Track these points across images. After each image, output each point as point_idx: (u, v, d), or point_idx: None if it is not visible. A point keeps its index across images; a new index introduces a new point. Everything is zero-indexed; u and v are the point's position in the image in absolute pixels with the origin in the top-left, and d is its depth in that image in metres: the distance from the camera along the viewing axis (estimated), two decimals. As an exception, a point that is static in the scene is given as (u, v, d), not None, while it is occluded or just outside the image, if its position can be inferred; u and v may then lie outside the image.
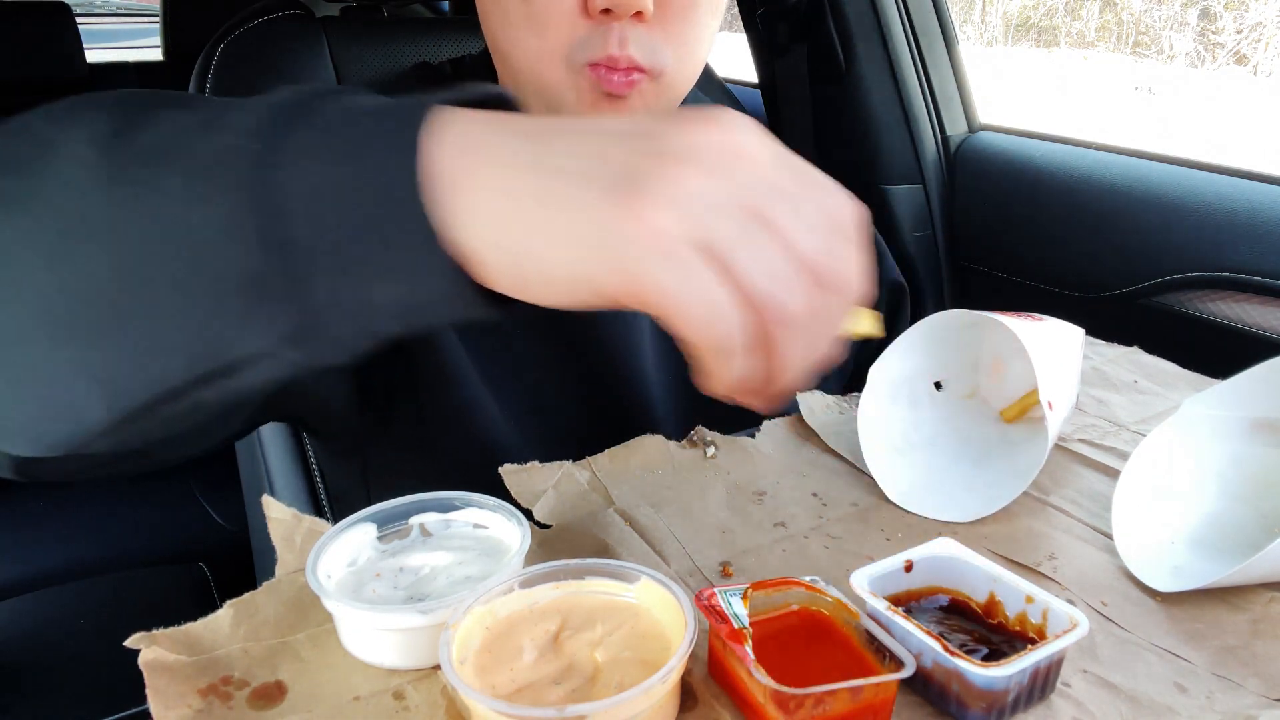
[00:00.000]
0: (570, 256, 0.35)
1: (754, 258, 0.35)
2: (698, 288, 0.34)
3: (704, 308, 0.35)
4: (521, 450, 0.64)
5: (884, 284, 0.93)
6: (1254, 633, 0.49)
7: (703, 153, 0.36)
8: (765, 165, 0.37)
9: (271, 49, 0.92)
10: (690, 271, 0.34)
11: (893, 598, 0.48)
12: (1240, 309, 1.11)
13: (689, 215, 0.34)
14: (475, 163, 0.37)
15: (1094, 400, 0.75)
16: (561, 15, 0.65)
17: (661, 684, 0.39)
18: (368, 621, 0.45)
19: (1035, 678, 0.43)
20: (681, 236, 0.34)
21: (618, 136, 0.37)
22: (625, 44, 0.65)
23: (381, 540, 0.52)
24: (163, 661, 0.44)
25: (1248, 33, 6.04)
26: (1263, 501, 0.58)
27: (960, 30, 1.52)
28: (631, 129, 0.37)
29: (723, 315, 0.35)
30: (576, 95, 0.69)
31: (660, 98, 0.71)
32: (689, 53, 0.70)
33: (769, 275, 0.35)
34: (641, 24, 0.66)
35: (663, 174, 0.35)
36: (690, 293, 0.34)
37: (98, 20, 4.74)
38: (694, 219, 0.34)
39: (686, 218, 0.34)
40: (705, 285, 0.35)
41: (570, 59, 0.67)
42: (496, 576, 0.47)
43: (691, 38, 0.69)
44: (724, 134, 0.37)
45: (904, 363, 0.66)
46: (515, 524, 0.52)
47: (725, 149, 0.36)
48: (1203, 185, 1.15)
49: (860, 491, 0.63)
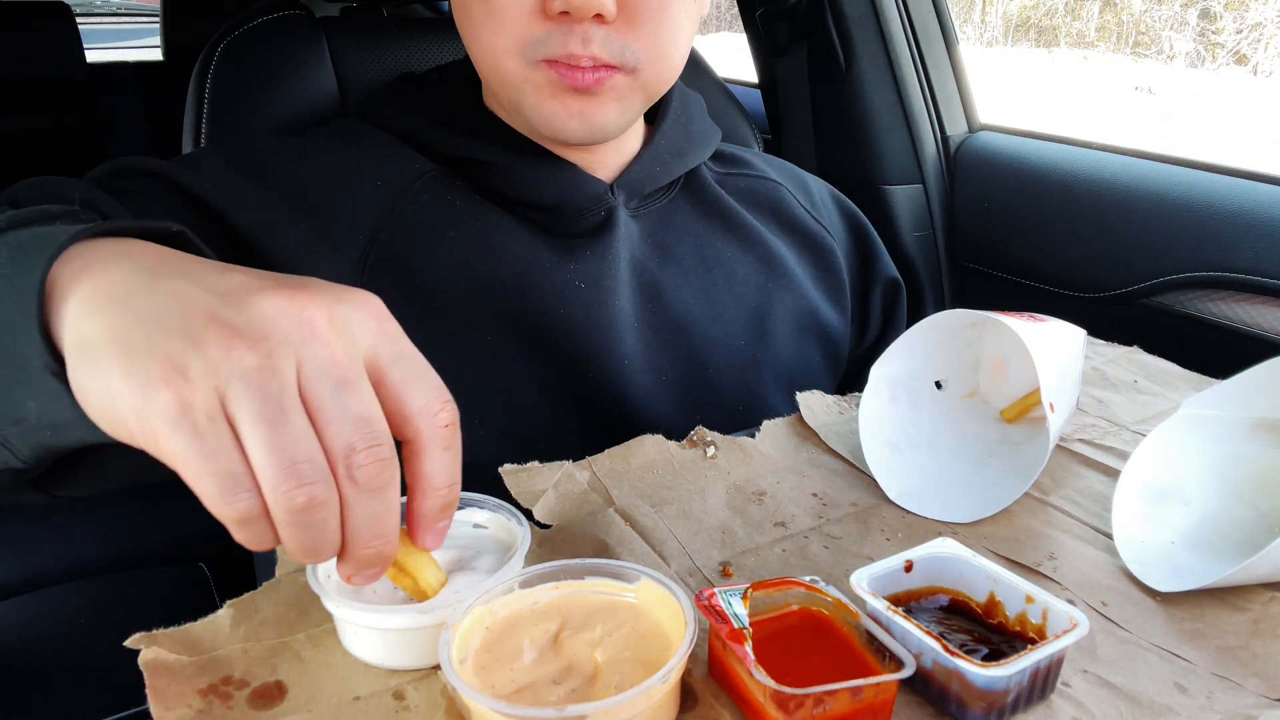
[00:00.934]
0: (116, 397, 0.36)
1: (271, 439, 0.34)
2: (208, 456, 0.34)
3: (215, 479, 0.34)
4: (502, 459, 0.65)
5: (879, 280, 0.93)
6: (1254, 633, 0.49)
7: (267, 325, 0.36)
8: (335, 350, 0.36)
9: (271, 49, 0.92)
10: (201, 440, 0.34)
11: (893, 598, 0.48)
12: (1240, 309, 1.11)
13: (216, 387, 0.34)
14: (82, 290, 0.39)
15: (1094, 400, 0.75)
16: (518, 13, 0.66)
17: (661, 684, 0.39)
18: (367, 621, 0.45)
19: (1035, 678, 0.43)
20: (201, 406, 0.34)
21: (208, 293, 0.37)
22: (588, 43, 0.65)
23: None
24: (163, 661, 0.44)
25: (1248, 33, 6.04)
26: (1263, 501, 0.58)
27: (960, 30, 1.53)
28: (226, 287, 0.37)
29: (232, 488, 0.35)
30: (534, 89, 0.69)
31: (636, 92, 0.71)
32: (662, 50, 0.70)
33: (281, 458, 0.34)
34: (605, 25, 0.66)
35: (209, 340, 0.35)
36: (198, 462, 0.34)
37: (98, 20, 4.74)
38: (219, 391, 0.34)
39: (211, 389, 0.34)
40: (216, 456, 0.34)
41: (525, 55, 0.67)
42: (497, 576, 0.47)
43: (663, 36, 0.69)
44: (308, 310, 0.36)
45: (905, 362, 0.66)
46: (515, 524, 0.52)
47: (300, 325, 0.36)
48: (1203, 185, 1.15)
49: (860, 491, 0.63)
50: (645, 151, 0.80)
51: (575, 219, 0.76)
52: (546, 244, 0.75)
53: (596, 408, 0.74)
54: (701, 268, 0.81)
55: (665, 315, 0.78)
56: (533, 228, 0.75)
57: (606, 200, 0.77)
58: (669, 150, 0.81)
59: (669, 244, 0.80)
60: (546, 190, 0.75)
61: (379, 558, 0.38)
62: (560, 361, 0.73)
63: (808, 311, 0.86)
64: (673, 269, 0.79)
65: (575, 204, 0.76)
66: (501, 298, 0.72)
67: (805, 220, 0.90)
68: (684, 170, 0.83)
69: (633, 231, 0.79)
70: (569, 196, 0.75)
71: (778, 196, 0.90)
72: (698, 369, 0.79)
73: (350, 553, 0.37)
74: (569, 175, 0.75)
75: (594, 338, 0.74)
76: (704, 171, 0.86)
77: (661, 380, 0.77)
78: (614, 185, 0.77)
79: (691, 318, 0.79)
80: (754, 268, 0.84)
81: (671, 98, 0.84)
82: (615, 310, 0.75)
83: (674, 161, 0.82)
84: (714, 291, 0.81)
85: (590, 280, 0.74)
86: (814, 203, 0.92)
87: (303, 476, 0.35)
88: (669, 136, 0.82)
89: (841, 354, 0.90)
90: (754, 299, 0.83)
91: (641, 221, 0.80)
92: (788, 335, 0.84)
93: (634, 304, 0.77)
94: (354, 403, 0.36)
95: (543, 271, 0.73)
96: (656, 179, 0.80)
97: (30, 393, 0.41)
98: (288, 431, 0.35)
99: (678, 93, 0.86)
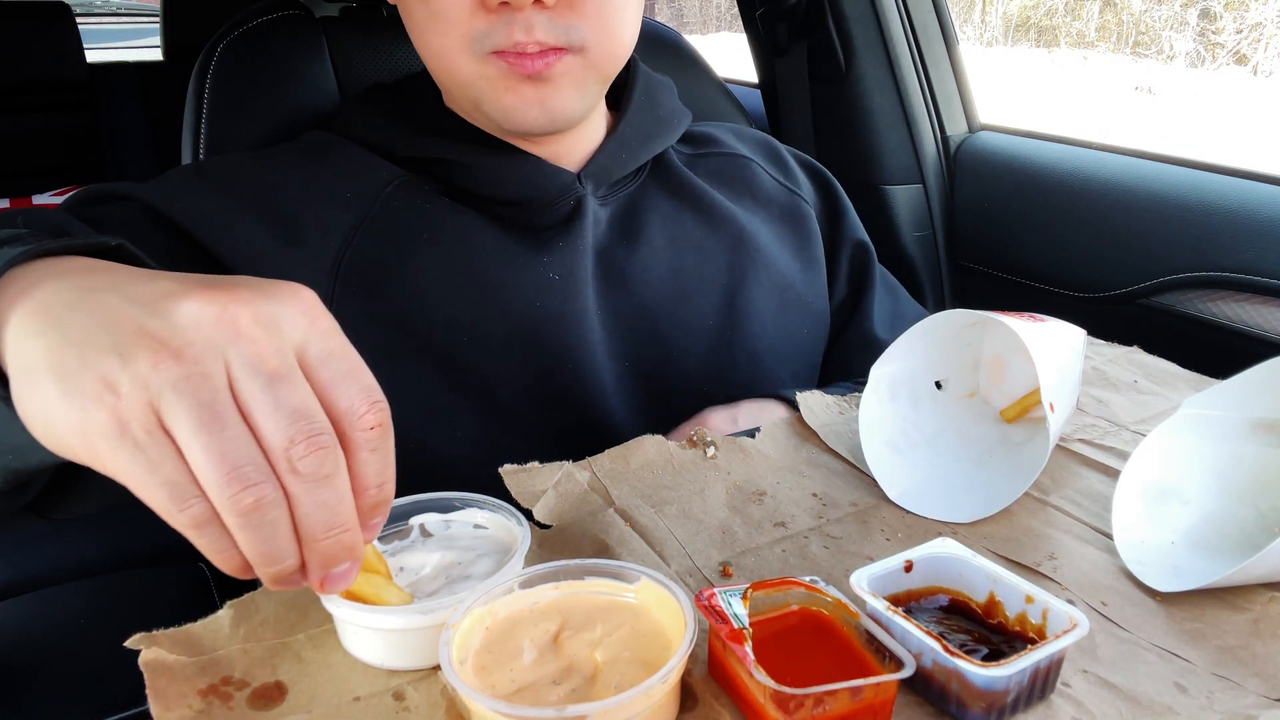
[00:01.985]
0: (55, 418, 0.36)
1: (209, 445, 0.35)
2: (152, 469, 0.35)
3: (162, 489, 0.35)
4: (476, 458, 0.64)
5: (847, 243, 0.93)
6: (1254, 633, 0.49)
7: (190, 331, 0.36)
8: (263, 347, 0.36)
9: (271, 49, 0.92)
10: (143, 453, 0.35)
11: (893, 598, 0.48)
12: (1240, 309, 1.11)
13: (148, 401, 0.35)
14: (19, 312, 0.39)
15: (1094, 400, 0.75)
16: (459, 10, 0.66)
17: (661, 684, 0.39)
18: (367, 622, 0.45)
19: (1035, 678, 0.43)
20: (138, 420, 0.35)
21: (133, 304, 0.37)
22: (532, 30, 0.66)
23: (381, 541, 0.52)
24: (163, 662, 0.44)
25: (1248, 33, 6.04)
26: (1263, 501, 0.58)
27: (960, 30, 1.53)
28: (151, 296, 0.38)
29: (181, 496, 0.35)
30: (489, 84, 0.69)
31: (589, 71, 0.71)
32: (608, 27, 0.70)
33: (221, 463, 0.35)
34: (546, 9, 0.66)
35: (137, 354, 0.35)
36: (144, 475, 0.35)
37: (98, 20, 4.73)
38: (152, 405, 0.35)
39: (144, 404, 0.35)
40: (159, 468, 0.35)
41: (473, 50, 0.67)
42: (497, 577, 0.47)
43: (607, 13, 0.69)
44: (230, 309, 0.37)
45: (904, 362, 0.66)
46: (515, 524, 0.52)
47: (223, 326, 0.36)
48: (1203, 185, 1.15)
49: (860, 491, 0.63)
50: (611, 139, 0.80)
51: (544, 211, 0.77)
52: (518, 239, 0.75)
53: (569, 399, 0.74)
54: (671, 248, 0.81)
55: (630, 301, 0.79)
56: (504, 225, 0.76)
57: (574, 190, 0.77)
58: (635, 136, 0.82)
59: (638, 227, 0.81)
60: (514, 185, 0.76)
61: (340, 548, 0.38)
62: (537, 356, 0.74)
63: (785, 285, 0.87)
64: (641, 251, 0.80)
65: (544, 196, 0.76)
66: (478, 298, 0.73)
67: (777, 191, 0.90)
68: (651, 155, 0.83)
69: (601, 219, 0.79)
70: (537, 189, 0.76)
71: (749, 173, 0.90)
72: (662, 353, 0.79)
73: (310, 548, 0.37)
74: (535, 168, 0.76)
75: (569, 328, 0.74)
76: (672, 155, 0.86)
77: (624, 367, 0.78)
78: (581, 174, 0.78)
79: (658, 302, 0.80)
80: (725, 245, 0.84)
81: (636, 81, 0.84)
82: (587, 300, 0.76)
83: (641, 147, 0.82)
84: (684, 272, 0.81)
85: (564, 271, 0.75)
86: (786, 170, 0.93)
87: (246, 479, 0.35)
88: (634, 122, 0.82)
89: (825, 317, 0.91)
90: (725, 277, 0.83)
91: (610, 208, 0.81)
92: (765, 311, 0.85)
93: (596, 292, 0.77)
94: (287, 396, 0.36)
95: (516, 267, 0.74)
96: (624, 165, 0.81)
97: None
98: (225, 436, 0.35)
99: (641, 76, 0.86)
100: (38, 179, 2.01)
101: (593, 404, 0.75)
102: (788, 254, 0.88)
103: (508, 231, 0.75)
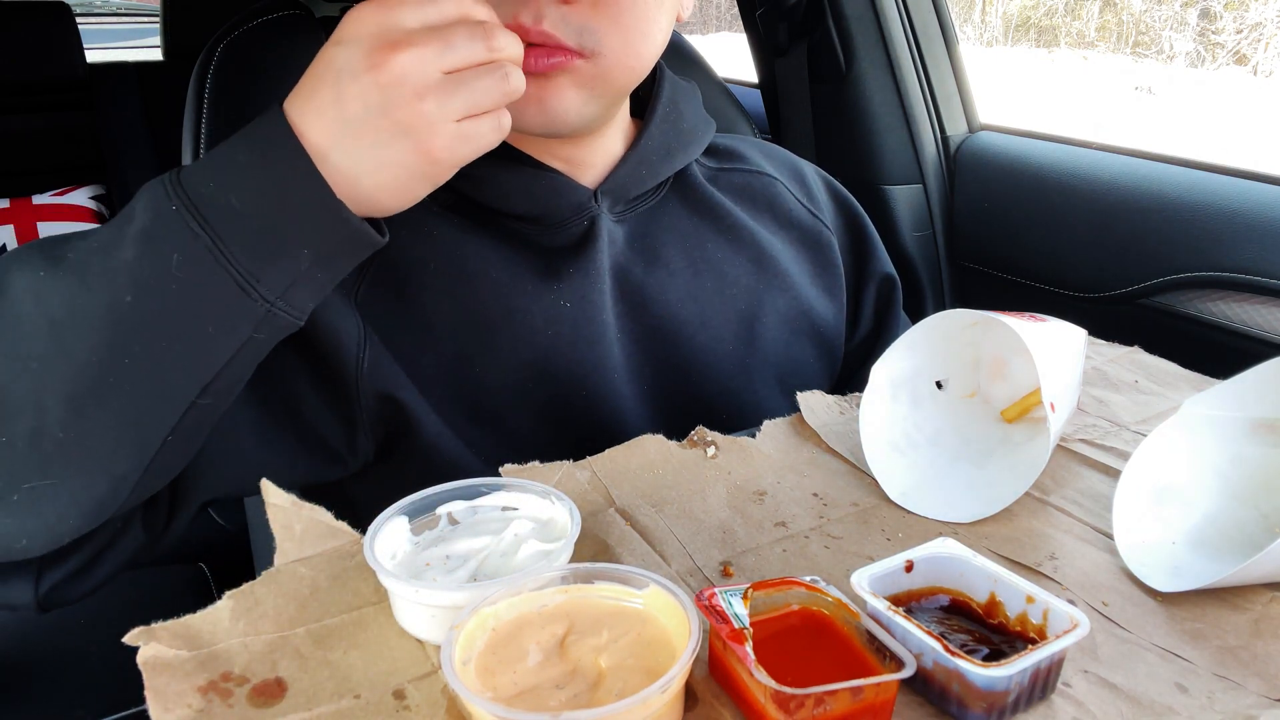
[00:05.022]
0: (389, 178, 0.52)
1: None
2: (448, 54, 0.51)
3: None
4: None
5: (874, 277, 0.91)
6: (1255, 633, 0.49)
7: (414, 34, 0.50)
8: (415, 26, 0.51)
9: (271, 49, 0.92)
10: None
11: (893, 598, 0.48)
12: (1240, 309, 1.11)
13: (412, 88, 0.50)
14: (315, 131, 0.51)
15: (1094, 400, 0.75)
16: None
17: (660, 694, 0.39)
18: (420, 598, 0.46)
19: (1036, 678, 0.43)
20: (437, 114, 0.51)
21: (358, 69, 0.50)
22: (540, 19, 0.62)
23: (413, 533, 0.53)
24: (162, 659, 0.44)
25: (1248, 33, 6.04)
26: (1263, 501, 0.58)
27: (960, 30, 1.53)
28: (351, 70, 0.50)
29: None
30: None
31: (599, 82, 0.67)
32: (629, 39, 0.66)
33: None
34: (567, 4, 0.63)
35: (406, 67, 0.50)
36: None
37: (98, 20, 4.74)
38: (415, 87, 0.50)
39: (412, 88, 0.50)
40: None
41: None
42: (557, 554, 0.49)
43: (630, 23, 0.65)
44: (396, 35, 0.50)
45: (905, 362, 0.66)
46: (568, 514, 0.52)
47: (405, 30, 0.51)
48: (1203, 185, 1.15)
49: (861, 491, 0.63)
50: (631, 154, 0.76)
51: (556, 231, 0.74)
52: (528, 265, 0.72)
53: (587, 423, 0.72)
54: (690, 270, 0.78)
55: (648, 323, 0.76)
56: (514, 244, 0.73)
57: (589, 209, 0.74)
58: (657, 151, 0.77)
59: (656, 248, 0.78)
60: (524, 199, 0.72)
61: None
62: (550, 383, 0.72)
63: (801, 312, 0.84)
64: (660, 274, 0.77)
65: (556, 215, 0.73)
66: (489, 329, 0.70)
67: (801, 215, 0.87)
68: (672, 171, 0.79)
69: (617, 237, 0.76)
70: (549, 208, 0.73)
71: (773, 192, 0.87)
72: (681, 376, 0.77)
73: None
74: (549, 183, 0.72)
75: (584, 355, 0.72)
76: (694, 169, 0.83)
77: (644, 390, 0.76)
78: (598, 191, 0.74)
79: (678, 324, 0.77)
80: (745, 268, 0.81)
81: (661, 92, 0.80)
82: (602, 325, 0.73)
83: (661, 163, 0.78)
84: (703, 295, 0.78)
85: (576, 298, 0.72)
86: (810, 195, 0.90)
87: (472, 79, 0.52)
88: (657, 136, 0.78)
89: (837, 352, 0.88)
90: (744, 301, 0.81)
91: (627, 226, 0.77)
92: (779, 337, 0.82)
93: (615, 314, 0.74)
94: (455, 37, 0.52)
95: (527, 296, 0.71)
96: (643, 182, 0.77)
97: (304, 230, 0.51)
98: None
99: (668, 85, 0.81)
100: (38, 179, 2.01)
101: (610, 427, 0.73)
102: (806, 279, 0.85)
103: (518, 252, 0.73)
